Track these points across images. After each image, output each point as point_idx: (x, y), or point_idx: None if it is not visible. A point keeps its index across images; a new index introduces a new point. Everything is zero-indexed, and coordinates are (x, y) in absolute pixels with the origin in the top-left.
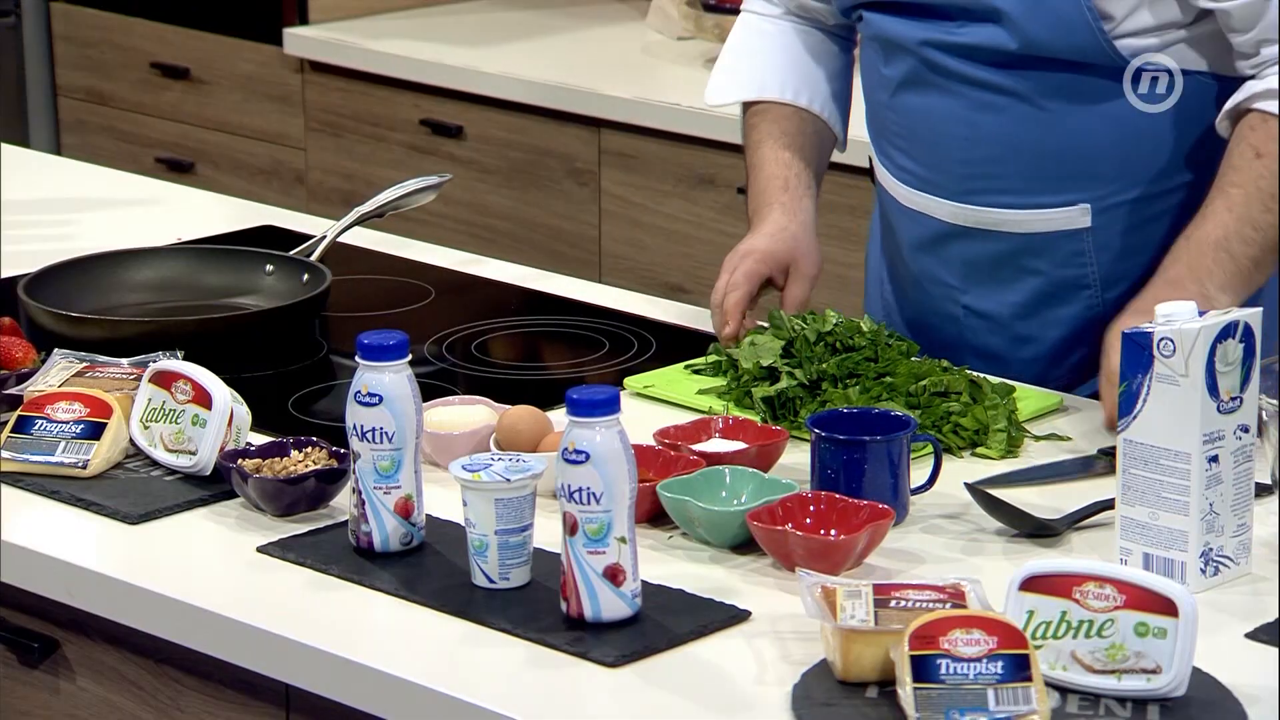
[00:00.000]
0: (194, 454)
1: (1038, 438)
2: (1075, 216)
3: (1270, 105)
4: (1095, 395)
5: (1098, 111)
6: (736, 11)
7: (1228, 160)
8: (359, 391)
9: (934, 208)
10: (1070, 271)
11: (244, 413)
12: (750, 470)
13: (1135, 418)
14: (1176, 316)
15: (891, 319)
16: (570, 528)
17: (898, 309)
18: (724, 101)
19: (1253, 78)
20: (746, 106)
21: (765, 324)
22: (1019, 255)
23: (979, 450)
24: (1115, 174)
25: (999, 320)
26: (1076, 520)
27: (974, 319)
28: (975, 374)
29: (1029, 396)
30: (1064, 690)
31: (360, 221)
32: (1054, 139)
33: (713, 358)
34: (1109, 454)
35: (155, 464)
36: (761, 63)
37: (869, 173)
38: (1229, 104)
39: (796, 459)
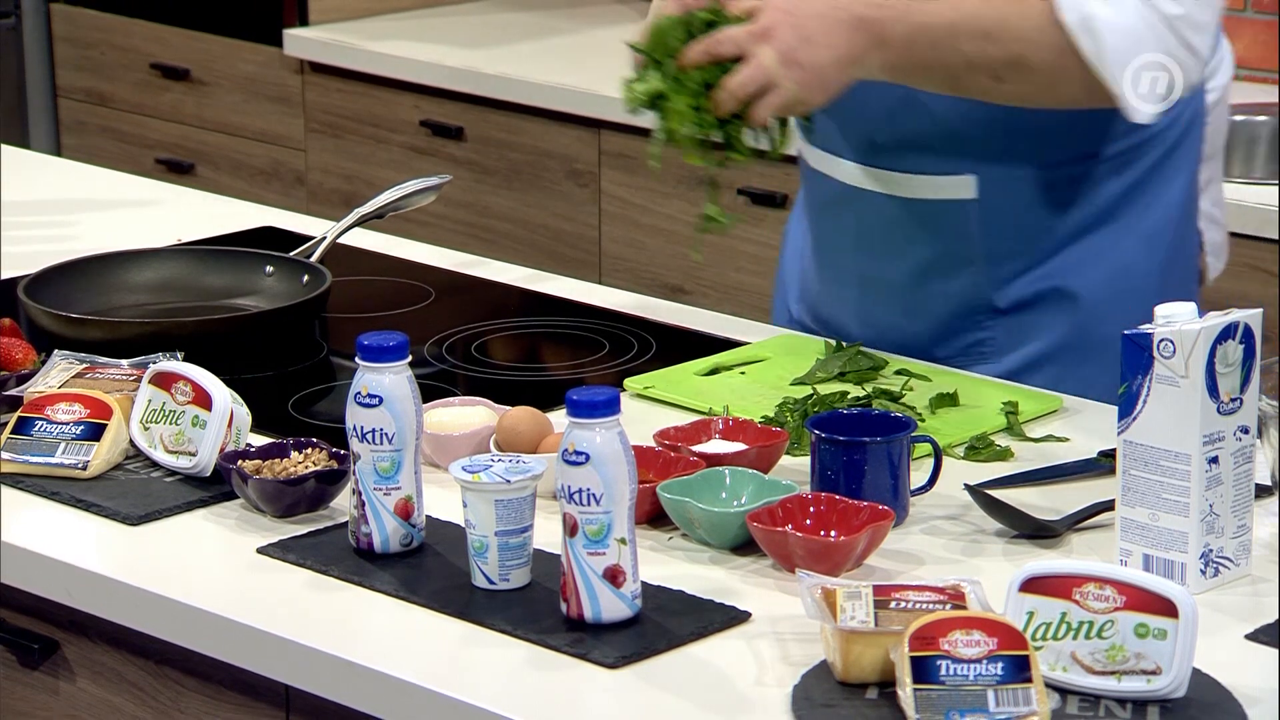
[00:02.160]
0: (194, 455)
1: (1037, 439)
2: (961, 186)
3: None
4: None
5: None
6: None
7: None
8: (359, 393)
9: (832, 168)
10: (955, 243)
11: (244, 414)
12: (750, 471)
13: (1135, 419)
14: (1176, 318)
15: (807, 288)
16: (570, 529)
17: (815, 278)
18: None
19: None
20: None
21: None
22: (909, 222)
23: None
24: (1003, 150)
25: (891, 288)
26: (1076, 521)
27: (871, 287)
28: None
29: (1029, 398)
30: (1064, 691)
31: (360, 223)
32: (944, 105)
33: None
34: (1109, 455)
35: (155, 465)
36: None
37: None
38: None
39: (797, 460)
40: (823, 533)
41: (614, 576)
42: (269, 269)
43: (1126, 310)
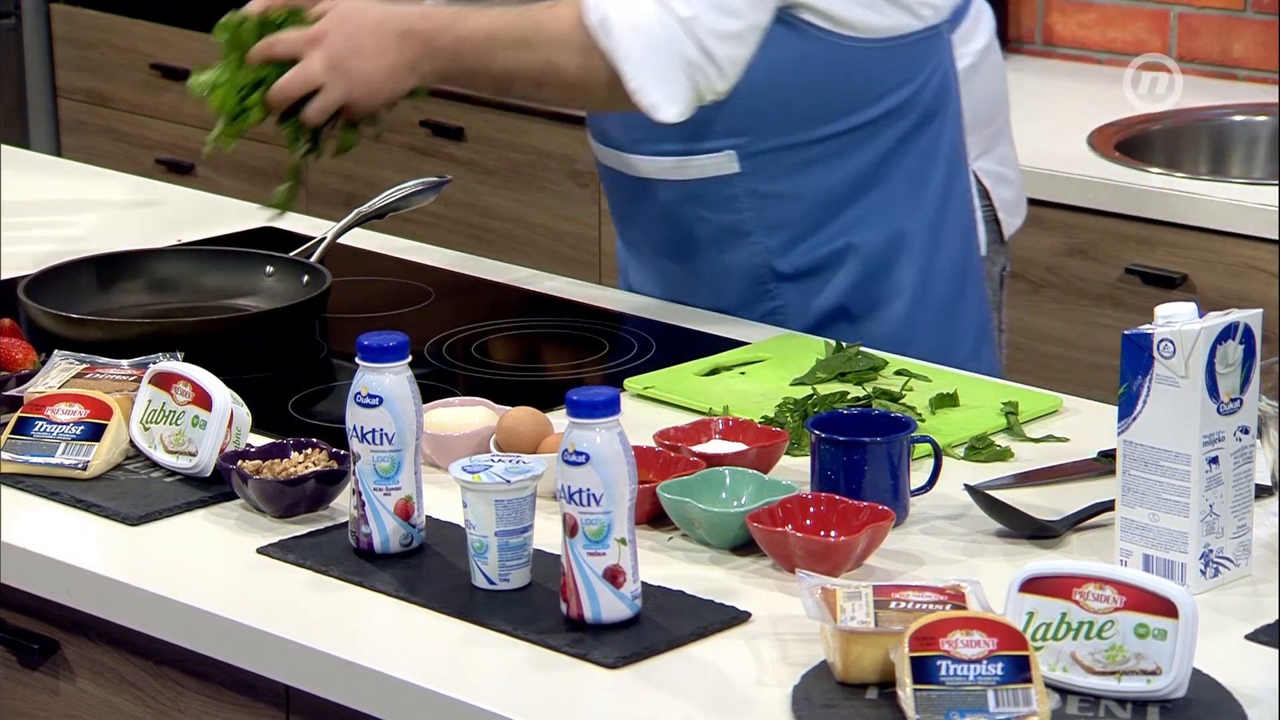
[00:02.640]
0: (194, 455)
1: (1037, 439)
2: (723, 163)
3: None
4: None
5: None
6: None
7: None
8: (359, 393)
9: (614, 161)
10: (729, 217)
11: (244, 414)
12: (750, 471)
13: (1135, 419)
14: (1176, 318)
15: (628, 278)
16: (570, 529)
17: (626, 258)
18: None
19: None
20: None
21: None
22: (684, 203)
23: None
24: (756, 122)
25: (685, 268)
26: (1076, 522)
27: (668, 265)
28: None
29: (1029, 399)
30: (1064, 691)
31: (360, 223)
32: None
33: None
34: (1109, 455)
35: (155, 465)
36: None
37: None
38: None
39: (797, 460)
40: (823, 533)
41: (614, 577)
42: (269, 269)
43: (905, 265)
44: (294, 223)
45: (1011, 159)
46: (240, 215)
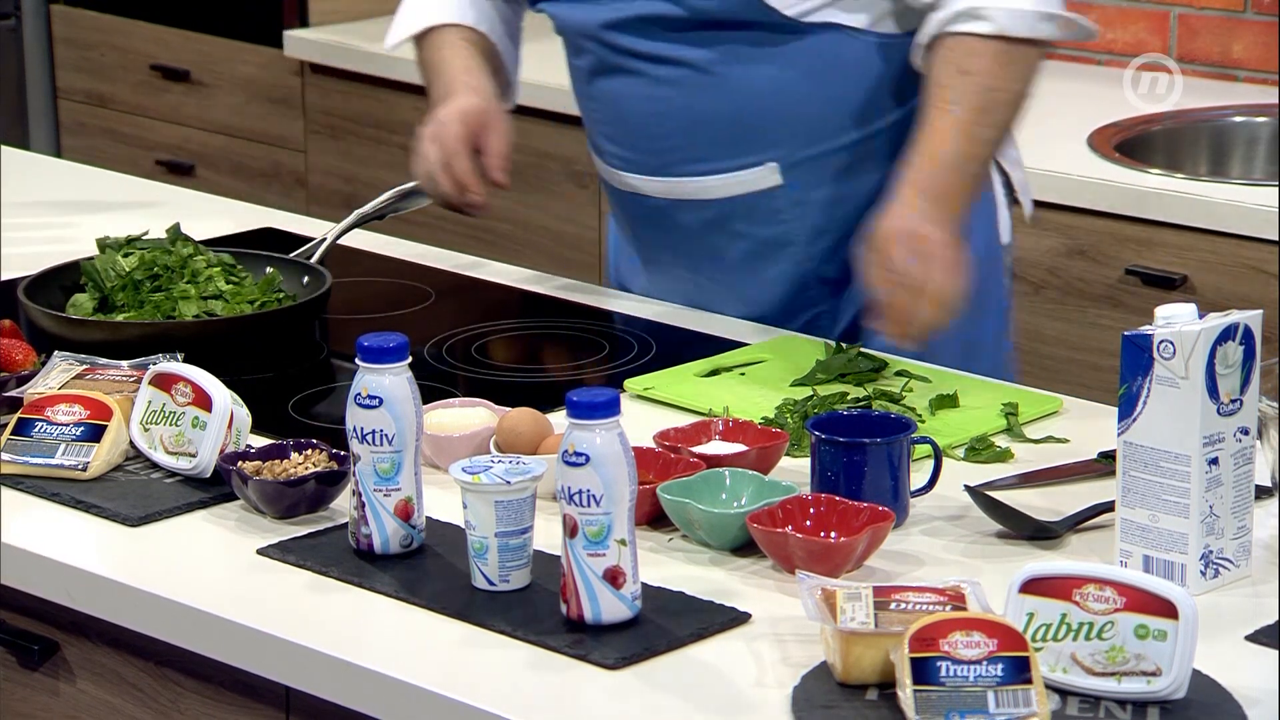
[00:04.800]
0: (194, 456)
1: (1037, 440)
2: (765, 176)
3: (961, 26)
4: (847, 342)
5: (770, 72)
6: None
7: (935, 81)
8: (359, 394)
9: (642, 185)
10: (772, 230)
11: (244, 415)
12: (750, 472)
13: (1135, 420)
14: (1176, 319)
15: (640, 285)
16: (570, 530)
17: (644, 278)
18: (403, 36)
19: (931, 7)
20: (422, 39)
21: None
22: (725, 221)
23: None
24: (796, 131)
25: (725, 285)
26: (1076, 522)
27: (706, 284)
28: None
29: (1029, 400)
30: (1064, 692)
31: (360, 224)
32: (731, 104)
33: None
34: (1109, 456)
35: (155, 466)
36: (439, 2)
37: None
38: (919, 38)
39: (797, 461)
40: (823, 534)
41: (614, 577)
42: (269, 270)
43: None
44: (294, 224)
45: (1014, 141)
46: (241, 216)
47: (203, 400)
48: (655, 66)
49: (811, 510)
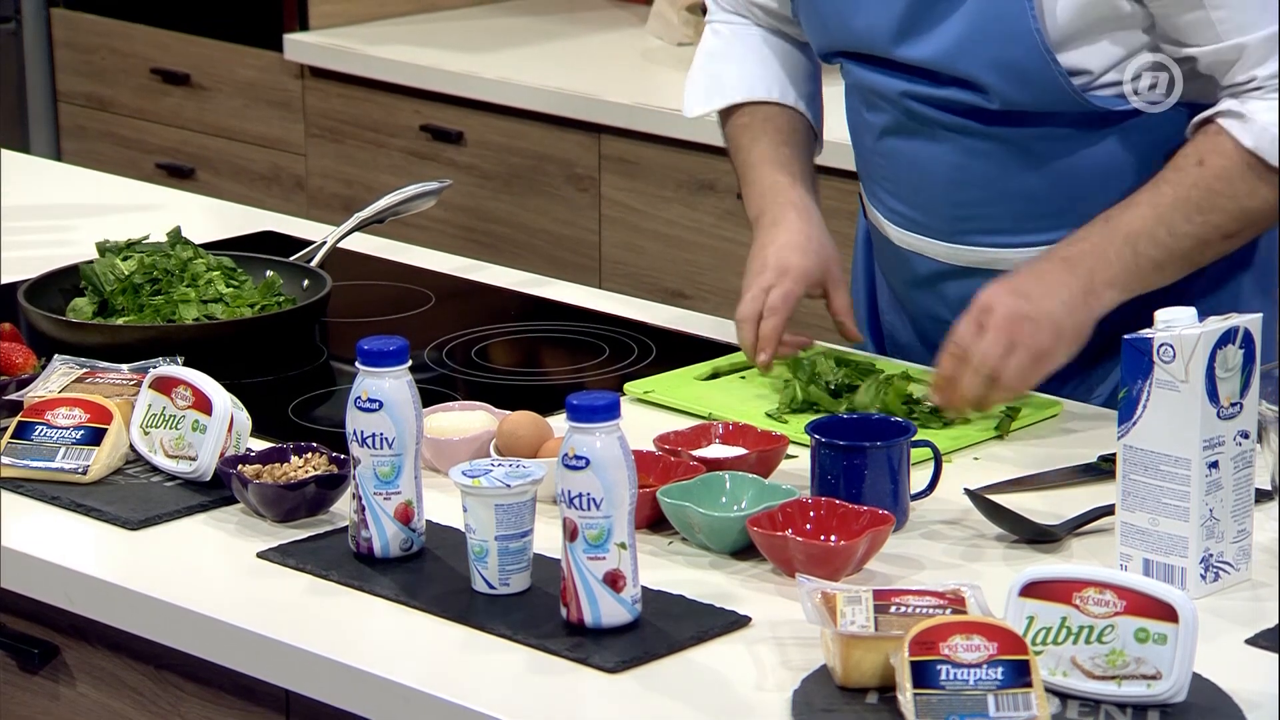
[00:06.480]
0: (194, 459)
1: (1037, 444)
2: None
3: (1229, 122)
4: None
5: (1083, 152)
6: None
7: (1173, 159)
8: (359, 397)
9: (926, 248)
10: None
11: (244, 418)
12: (750, 476)
13: (1135, 423)
14: (1176, 322)
15: (893, 346)
16: (570, 533)
17: (911, 337)
18: (707, 109)
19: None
20: (726, 113)
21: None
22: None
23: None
24: (1102, 208)
25: None
26: (1076, 526)
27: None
28: None
29: (1029, 403)
30: (1064, 696)
31: (360, 227)
32: (1040, 180)
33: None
34: (1109, 460)
35: (155, 470)
36: (741, 68)
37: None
38: (1200, 115)
39: (797, 465)
40: (823, 537)
41: (614, 581)
42: (269, 273)
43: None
44: (294, 227)
45: None
46: (241, 220)
47: (203, 404)
48: (961, 138)
49: (811, 514)
